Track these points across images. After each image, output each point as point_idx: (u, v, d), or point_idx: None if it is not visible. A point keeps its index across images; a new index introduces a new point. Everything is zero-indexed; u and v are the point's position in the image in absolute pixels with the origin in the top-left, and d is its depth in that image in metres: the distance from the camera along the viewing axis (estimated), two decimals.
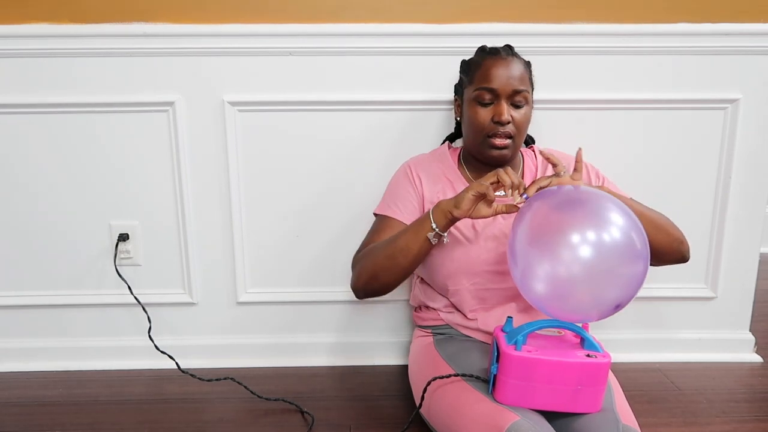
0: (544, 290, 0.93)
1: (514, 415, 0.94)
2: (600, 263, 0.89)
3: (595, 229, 0.90)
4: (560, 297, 0.93)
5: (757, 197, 1.48)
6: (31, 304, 1.51)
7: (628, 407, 1.03)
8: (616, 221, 0.91)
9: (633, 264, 0.91)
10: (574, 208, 0.95)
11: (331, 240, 1.50)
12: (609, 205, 0.94)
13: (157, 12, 1.35)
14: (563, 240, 0.90)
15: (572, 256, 0.89)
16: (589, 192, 0.98)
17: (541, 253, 0.93)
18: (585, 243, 0.89)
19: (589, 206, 0.94)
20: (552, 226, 0.94)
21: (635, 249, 0.91)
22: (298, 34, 1.35)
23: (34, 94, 1.38)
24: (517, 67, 1.14)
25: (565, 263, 0.90)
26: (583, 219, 0.92)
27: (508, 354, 0.96)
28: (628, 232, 0.91)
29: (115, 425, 1.27)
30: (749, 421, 1.27)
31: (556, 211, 0.96)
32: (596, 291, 0.91)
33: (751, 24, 1.37)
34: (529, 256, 0.94)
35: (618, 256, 0.90)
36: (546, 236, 0.93)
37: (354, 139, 1.43)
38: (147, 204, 1.46)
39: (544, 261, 0.92)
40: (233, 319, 1.55)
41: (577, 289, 0.91)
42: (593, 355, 0.97)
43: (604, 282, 0.91)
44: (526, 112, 1.15)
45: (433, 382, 1.10)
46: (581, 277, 0.90)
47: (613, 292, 0.91)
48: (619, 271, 0.90)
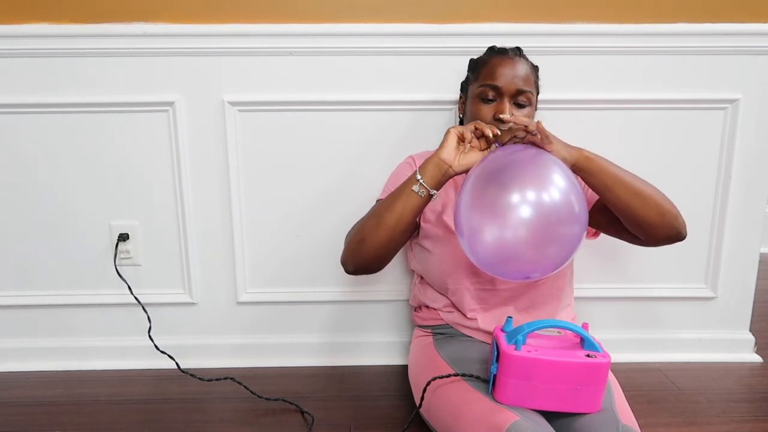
0: (490, 251, 0.96)
1: (514, 415, 0.94)
2: (540, 223, 0.93)
3: (534, 190, 0.93)
4: (506, 257, 0.96)
5: (757, 197, 1.48)
6: (31, 304, 1.51)
7: (627, 407, 1.03)
8: (558, 183, 0.94)
9: (570, 225, 0.94)
10: (518, 169, 0.97)
11: (331, 240, 1.50)
12: (554, 167, 0.96)
13: (157, 12, 1.35)
14: (504, 201, 0.93)
15: (514, 217, 0.92)
16: (537, 154, 1.00)
17: (483, 216, 0.95)
18: (525, 203, 0.92)
19: (533, 166, 0.97)
20: (494, 189, 0.95)
21: (573, 212, 0.94)
22: (298, 34, 1.35)
23: (34, 94, 1.38)
24: (523, 68, 1.14)
25: (508, 225, 0.93)
26: (525, 180, 0.95)
27: (508, 354, 0.96)
28: (567, 195, 0.94)
29: (115, 425, 1.27)
30: (749, 421, 1.27)
31: (498, 173, 0.97)
32: (539, 247, 0.94)
33: (751, 24, 1.37)
34: (472, 219, 0.97)
35: (556, 216, 0.94)
36: (487, 199, 0.95)
37: (354, 139, 1.43)
38: (147, 204, 1.46)
39: (488, 223, 0.95)
40: (233, 319, 1.55)
41: (522, 248, 0.94)
42: (593, 355, 0.97)
43: (545, 239, 0.94)
44: (529, 113, 1.15)
45: (432, 382, 1.10)
46: (525, 236, 0.93)
47: (553, 248, 0.95)
48: (558, 230, 0.94)
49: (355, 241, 1.10)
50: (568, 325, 0.99)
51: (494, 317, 1.18)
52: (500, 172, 0.97)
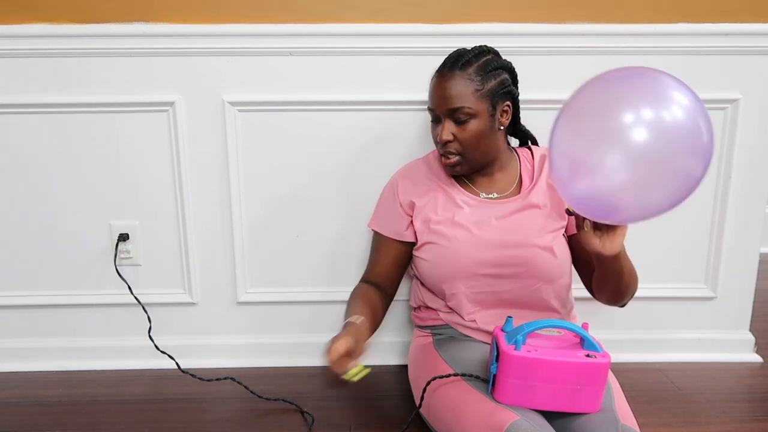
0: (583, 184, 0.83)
1: (513, 414, 0.94)
2: (654, 150, 0.76)
3: (652, 107, 0.77)
4: (597, 190, 0.83)
5: (757, 197, 1.48)
6: (31, 304, 1.51)
7: (627, 407, 1.03)
8: (680, 100, 0.77)
9: (692, 159, 0.77)
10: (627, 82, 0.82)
11: (331, 240, 1.50)
12: (669, 81, 0.80)
13: (157, 12, 1.35)
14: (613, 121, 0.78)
15: (622, 140, 0.76)
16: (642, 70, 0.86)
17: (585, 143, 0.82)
18: (639, 124, 0.76)
19: (645, 80, 0.81)
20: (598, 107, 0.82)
21: (701, 141, 0.76)
22: (298, 34, 1.35)
23: (34, 94, 1.38)
24: (455, 83, 1.10)
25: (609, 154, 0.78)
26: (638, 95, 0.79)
27: (507, 354, 0.96)
28: (694, 117, 0.76)
29: (115, 425, 1.27)
30: (749, 421, 1.27)
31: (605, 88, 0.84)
32: (640, 190, 0.79)
33: (751, 24, 1.37)
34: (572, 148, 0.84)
35: (678, 143, 0.76)
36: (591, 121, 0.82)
37: (354, 139, 1.43)
38: (147, 204, 1.46)
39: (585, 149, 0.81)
40: (233, 319, 1.55)
41: (618, 187, 0.80)
42: (593, 355, 0.97)
43: (652, 177, 0.77)
44: (473, 127, 1.11)
45: (432, 382, 1.10)
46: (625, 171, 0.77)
47: (658, 193, 0.79)
48: (674, 164, 0.76)
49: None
50: (567, 325, 0.99)
51: (493, 317, 1.18)
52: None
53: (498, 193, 1.21)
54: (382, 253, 1.27)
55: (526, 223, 1.16)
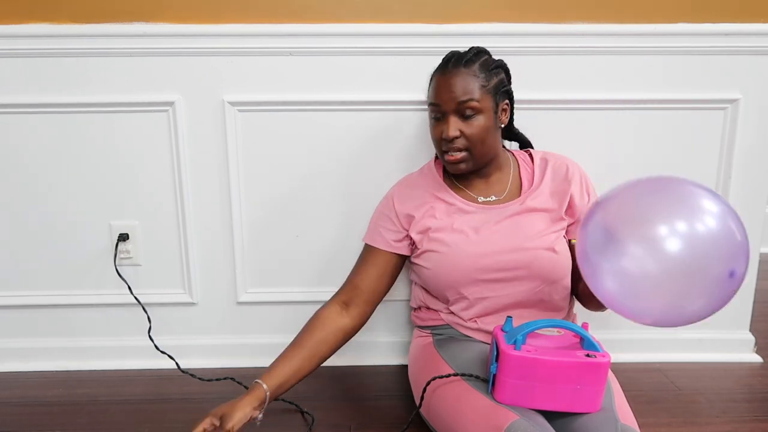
0: (615, 288, 0.82)
1: (513, 414, 0.94)
2: (688, 260, 0.75)
3: (684, 219, 0.77)
4: (633, 296, 0.82)
5: (757, 197, 1.48)
6: (31, 304, 1.51)
7: (627, 407, 1.03)
8: (710, 209, 0.77)
9: (728, 261, 0.76)
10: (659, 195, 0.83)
11: (330, 240, 1.50)
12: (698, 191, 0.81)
13: (157, 12, 1.35)
14: (647, 232, 0.78)
15: (653, 249, 0.77)
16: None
17: (616, 247, 0.81)
18: (673, 235, 0.76)
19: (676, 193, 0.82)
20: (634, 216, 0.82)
21: (735, 241, 0.77)
22: (298, 34, 1.35)
23: (34, 94, 1.38)
24: (462, 78, 1.11)
25: (639, 259, 0.77)
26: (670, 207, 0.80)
27: (507, 354, 0.96)
28: (725, 220, 0.77)
29: (115, 425, 1.27)
30: (749, 421, 1.27)
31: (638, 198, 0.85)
32: (675, 297, 0.78)
33: (751, 24, 1.37)
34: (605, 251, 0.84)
35: (713, 250, 0.75)
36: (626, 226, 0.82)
37: (354, 139, 1.43)
38: (147, 204, 1.46)
39: (619, 255, 0.81)
40: (233, 319, 1.55)
41: (651, 292, 0.79)
42: (593, 354, 0.97)
43: (687, 286, 0.76)
44: (480, 122, 1.12)
45: (432, 382, 1.10)
46: (657, 277, 0.76)
47: (697, 303, 0.78)
48: (711, 268, 0.76)
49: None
50: (567, 324, 0.99)
51: (495, 318, 1.18)
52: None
53: (496, 196, 1.20)
54: (369, 264, 1.22)
55: (527, 226, 1.16)
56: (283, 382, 1.12)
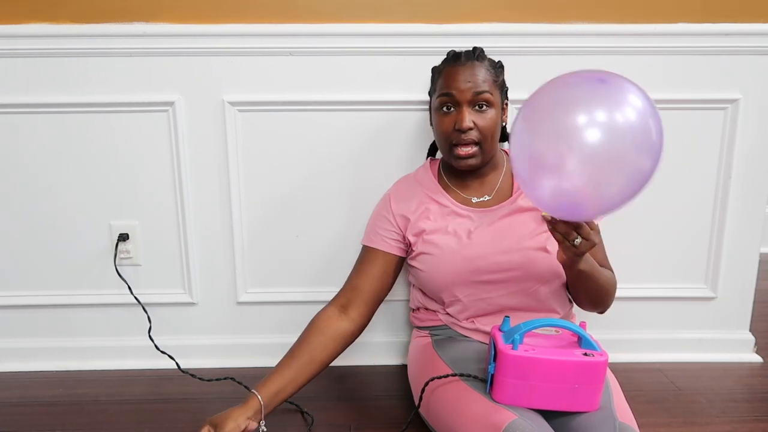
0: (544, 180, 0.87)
1: (511, 414, 0.94)
2: (607, 149, 0.82)
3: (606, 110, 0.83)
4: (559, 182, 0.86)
5: (757, 197, 1.48)
6: (31, 304, 1.51)
7: (626, 406, 1.03)
8: (634, 103, 0.84)
9: (643, 157, 0.84)
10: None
11: (330, 240, 1.50)
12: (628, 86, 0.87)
13: (157, 12, 1.35)
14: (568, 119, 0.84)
15: (577, 138, 0.82)
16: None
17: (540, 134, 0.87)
18: (593, 125, 0.82)
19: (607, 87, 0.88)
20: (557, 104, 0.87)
21: (650, 139, 0.84)
22: (298, 34, 1.35)
23: (34, 94, 1.38)
24: (478, 71, 1.12)
25: (567, 147, 0.83)
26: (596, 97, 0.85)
27: (505, 353, 0.97)
28: (644, 118, 0.84)
29: (115, 425, 1.27)
30: (749, 421, 1.27)
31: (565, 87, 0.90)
32: (598, 180, 0.84)
33: (751, 24, 1.37)
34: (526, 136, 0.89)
35: (629, 143, 0.83)
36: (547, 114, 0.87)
37: (354, 139, 1.43)
38: (147, 204, 1.46)
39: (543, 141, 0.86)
40: (233, 319, 1.55)
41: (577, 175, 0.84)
42: (590, 353, 0.97)
43: (607, 171, 0.83)
44: (491, 115, 1.13)
45: (432, 382, 1.10)
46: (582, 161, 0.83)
47: (615, 185, 0.84)
48: (626, 159, 0.83)
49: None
50: (565, 323, 0.99)
51: (492, 319, 1.18)
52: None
53: (489, 196, 1.20)
54: (368, 264, 1.22)
55: (519, 226, 1.16)
56: (278, 391, 1.12)
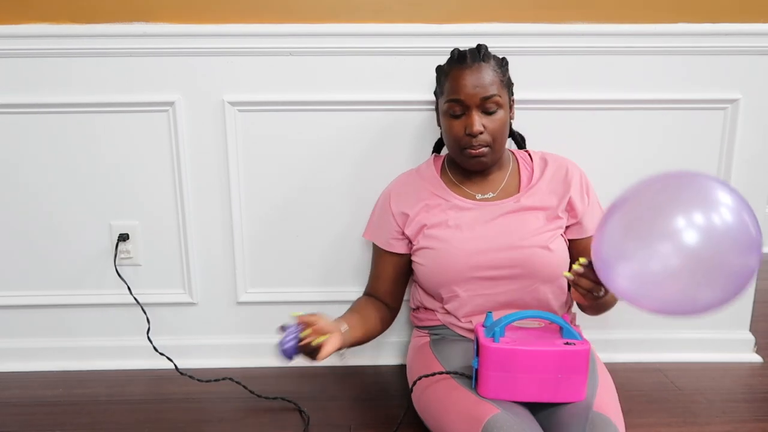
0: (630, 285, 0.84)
1: (494, 408, 0.95)
2: (704, 252, 0.78)
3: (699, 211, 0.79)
4: (648, 291, 0.84)
5: (757, 197, 1.48)
6: (31, 304, 1.51)
7: (611, 398, 1.02)
8: (725, 201, 0.80)
9: (745, 255, 0.79)
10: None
11: (330, 239, 1.50)
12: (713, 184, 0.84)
13: (157, 12, 1.35)
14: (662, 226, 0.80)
15: (672, 244, 0.78)
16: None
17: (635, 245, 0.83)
18: (690, 228, 0.78)
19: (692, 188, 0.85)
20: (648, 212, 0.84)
21: (750, 235, 0.79)
22: (298, 34, 1.35)
23: (35, 94, 1.38)
24: (485, 73, 1.11)
25: (661, 254, 0.79)
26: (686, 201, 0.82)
27: (486, 346, 0.97)
28: (739, 214, 0.79)
29: (115, 425, 1.27)
30: (749, 421, 1.27)
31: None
32: (691, 287, 0.80)
33: (751, 24, 1.37)
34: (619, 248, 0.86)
35: (729, 243, 0.78)
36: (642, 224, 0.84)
37: (354, 139, 1.43)
38: (147, 204, 1.46)
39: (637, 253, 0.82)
40: (233, 319, 1.55)
41: (667, 284, 0.81)
42: (572, 342, 0.97)
43: (705, 277, 0.79)
44: (501, 116, 1.13)
45: (423, 380, 1.11)
46: (676, 271, 0.79)
47: (712, 292, 0.80)
48: (727, 261, 0.78)
49: None
50: (546, 315, 1.00)
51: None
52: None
53: (493, 193, 1.20)
54: (380, 267, 1.28)
55: (522, 224, 1.16)
56: (350, 328, 1.13)
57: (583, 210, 1.20)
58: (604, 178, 1.33)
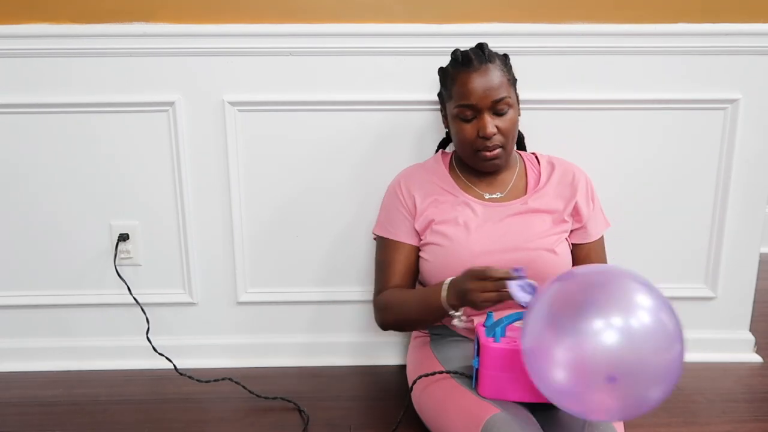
0: (563, 380, 0.83)
1: (494, 408, 0.95)
2: (630, 354, 0.79)
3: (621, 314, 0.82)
4: (579, 392, 0.83)
5: (757, 197, 1.48)
6: (31, 304, 1.51)
7: None
8: (643, 304, 0.84)
9: (668, 350, 0.82)
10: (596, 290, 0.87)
11: (330, 239, 1.50)
12: (633, 285, 0.88)
13: (157, 12, 1.35)
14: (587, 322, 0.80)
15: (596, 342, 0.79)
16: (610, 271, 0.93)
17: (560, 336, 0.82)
18: (610, 328, 0.79)
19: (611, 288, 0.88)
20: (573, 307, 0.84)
21: (667, 331, 0.83)
22: (298, 34, 1.35)
23: (35, 94, 1.38)
24: (493, 74, 1.11)
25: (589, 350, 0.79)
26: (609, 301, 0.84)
27: (486, 346, 0.97)
28: (656, 314, 0.84)
29: (115, 425, 1.27)
30: (749, 421, 1.27)
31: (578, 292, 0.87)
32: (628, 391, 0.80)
33: (751, 24, 1.37)
34: (545, 339, 0.85)
35: (651, 342, 0.81)
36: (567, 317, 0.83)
37: (354, 139, 1.43)
38: (147, 204, 1.46)
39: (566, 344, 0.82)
40: (233, 319, 1.55)
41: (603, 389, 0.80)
42: None
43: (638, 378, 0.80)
44: (511, 116, 1.14)
45: (423, 380, 1.11)
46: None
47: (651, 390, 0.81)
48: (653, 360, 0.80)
49: (394, 326, 1.21)
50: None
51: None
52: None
53: (501, 193, 1.21)
54: (392, 263, 1.22)
55: (529, 226, 1.16)
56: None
57: (588, 215, 1.20)
58: (604, 178, 1.33)
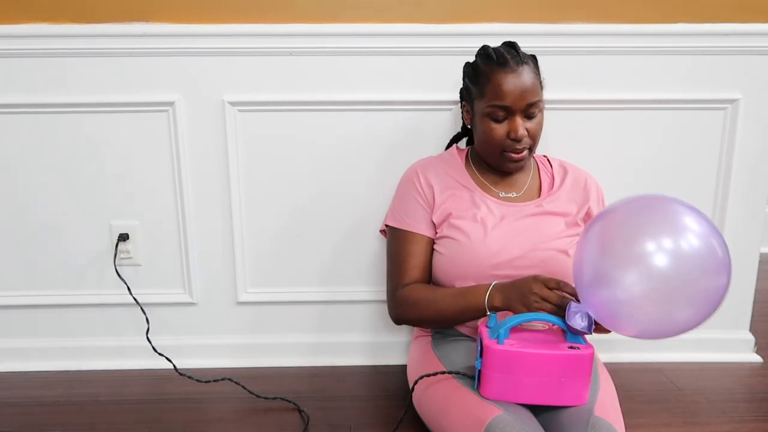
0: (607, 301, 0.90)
1: (497, 409, 0.95)
2: (676, 275, 0.84)
3: (670, 236, 0.86)
4: (627, 312, 0.89)
5: (757, 197, 1.48)
6: (31, 304, 1.51)
7: (612, 403, 1.02)
8: (693, 227, 0.87)
9: (714, 277, 0.85)
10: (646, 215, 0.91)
11: (330, 240, 1.50)
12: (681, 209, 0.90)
13: (157, 12, 1.35)
14: (636, 248, 0.86)
15: (645, 266, 0.85)
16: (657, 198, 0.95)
17: (614, 263, 0.89)
18: (660, 251, 0.85)
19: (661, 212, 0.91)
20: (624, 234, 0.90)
21: (716, 258, 0.85)
22: (298, 34, 1.35)
23: (34, 94, 1.38)
24: (528, 77, 1.11)
25: (637, 277, 0.86)
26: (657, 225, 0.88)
27: (490, 348, 0.97)
28: (707, 239, 0.86)
29: (115, 425, 1.27)
30: (749, 421, 1.27)
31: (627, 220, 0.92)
32: (667, 308, 0.86)
33: (751, 24, 1.37)
34: (600, 267, 0.91)
35: (697, 266, 0.85)
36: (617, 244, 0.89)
37: (354, 139, 1.43)
38: (147, 204, 1.46)
39: (618, 272, 0.88)
40: (233, 319, 1.55)
41: (646, 305, 0.87)
42: (576, 347, 0.97)
43: (678, 298, 0.85)
44: (539, 119, 1.14)
45: (425, 380, 1.11)
46: (653, 292, 0.85)
47: (687, 311, 0.86)
48: (697, 284, 0.85)
49: (416, 322, 1.20)
50: (551, 318, 0.99)
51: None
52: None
53: (516, 192, 1.21)
54: (414, 255, 1.19)
55: (544, 227, 1.16)
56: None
57: None
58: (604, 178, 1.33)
